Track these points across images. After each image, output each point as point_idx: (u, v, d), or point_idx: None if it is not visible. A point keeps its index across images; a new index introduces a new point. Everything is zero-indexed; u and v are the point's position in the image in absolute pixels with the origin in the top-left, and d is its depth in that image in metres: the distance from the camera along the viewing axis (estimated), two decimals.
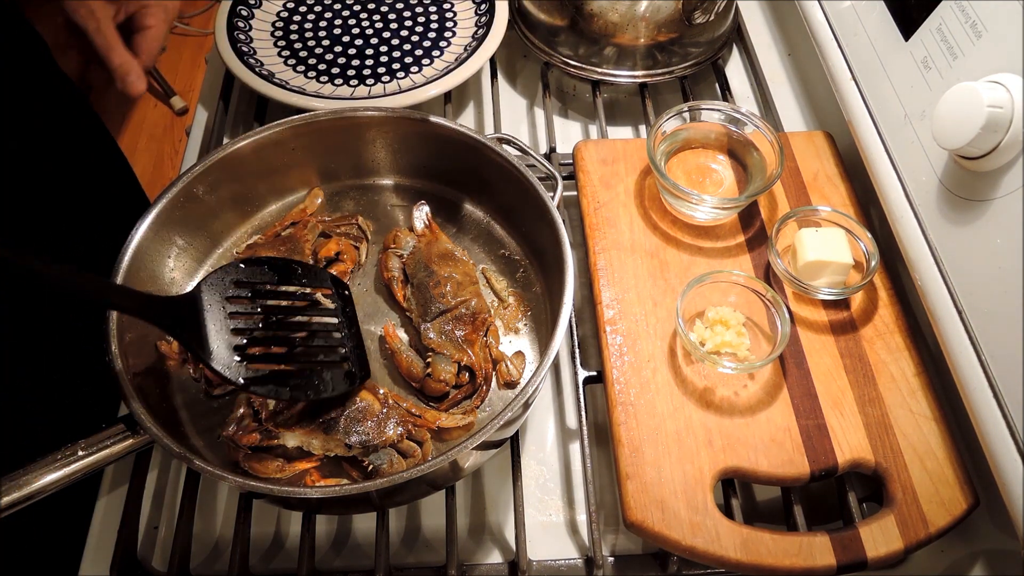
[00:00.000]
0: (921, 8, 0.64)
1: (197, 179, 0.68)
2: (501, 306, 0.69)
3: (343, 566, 0.62)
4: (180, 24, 2.41)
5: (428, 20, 0.94)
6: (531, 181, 0.66)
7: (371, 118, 0.73)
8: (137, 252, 0.63)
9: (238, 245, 0.73)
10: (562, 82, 0.95)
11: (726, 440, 0.61)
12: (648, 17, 0.85)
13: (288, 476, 0.59)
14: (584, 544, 0.63)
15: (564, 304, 0.59)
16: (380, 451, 0.59)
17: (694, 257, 0.71)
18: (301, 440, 0.60)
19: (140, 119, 2.21)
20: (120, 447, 0.54)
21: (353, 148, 0.75)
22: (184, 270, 0.70)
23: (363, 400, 0.61)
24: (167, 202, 0.66)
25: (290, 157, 0.73)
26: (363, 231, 0.74)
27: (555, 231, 0.63)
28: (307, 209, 0.75)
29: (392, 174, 0.77)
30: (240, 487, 0.60)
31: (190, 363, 0.65)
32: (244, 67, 0.85)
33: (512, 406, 0.55)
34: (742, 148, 0.76)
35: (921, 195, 0.61)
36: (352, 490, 0.52)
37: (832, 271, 0.67)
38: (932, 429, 0.62)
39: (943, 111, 0.55)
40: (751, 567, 0.56)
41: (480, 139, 0.70)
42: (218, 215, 0.72)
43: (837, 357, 0.65)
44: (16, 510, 0.50)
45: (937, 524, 0.57)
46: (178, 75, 2.31)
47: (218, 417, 0.63)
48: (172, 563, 0.59)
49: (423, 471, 0.52)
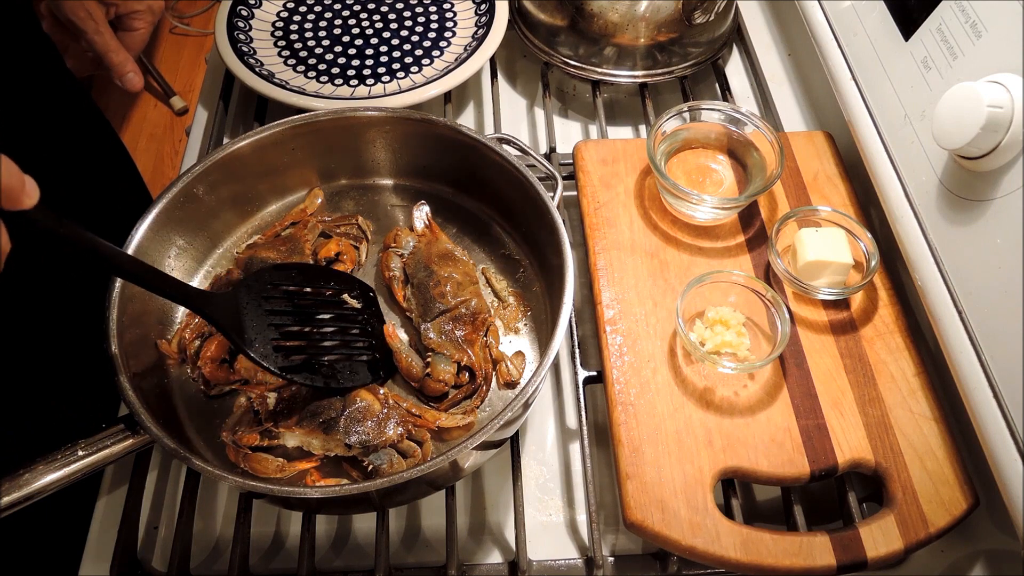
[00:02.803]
0: (921, 8, 0.64)
1: (197, 179, 0.68)
2: (501, 306, 0.69)
3: (343, 566, 0.62)
4: (180, 24, 2.41)
5: (428, 20, 0.94)
6: (531, 181, 0.66)
7: (371, 118, 0.73)
8: (137, 252, 0.63)
9: (238, 245, 0.73)
10: (562, 82, 0.95)
11: (726, 440, 0.61)
12: (648, 17, 0.85)
13: (288, 476, 0.59)
14: (584, 544, 0.63)
15: (564, 304, 0.59)
16: (380, 451, 0.59)
17: (694, 257, 0.71)
18: (301, 440, 0.60)
19: (140, 119, 2.21)
20: (120, 447, 0.54)
21: (353, 148, 0.75)
22: (184, 270, 0.70)
23: (363, 400, 0.61)
24: (167, 202, 0.66)
25: (290, 157, 0.73)
26: (363, 231, 0.74)
27: (555, 231, 0.63)
28: (307, 209, 0.75)
29: (392, 174, 0.77)
30: (240, 487, 0.60)
31: (189, 363, 0.65)
32: (244, 67, 0.85)
33: (512, 406, 0.55)
34: (742, 148, 0.76)
35: (921, 195, 0.61)
36: (352, 490, 0.52)
37: (832, 271, 0.67)
38: (932, 429, 0.62)
39: (943, 111, 0.55)
40: (751, 567, 0.56)
41: (480, 139, 0.70)
42: (218, 215, 0.72)
43: (837, 357, 0.65)
44: (16, 510, 0.50)
45: (937, 524, 0.57)
46: (178, 75, 2.31)
47: (218, 417, 0.63)
48: (172, 563, 0.59)
49: (423, 471, 0.52)
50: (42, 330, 0.80)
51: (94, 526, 0.65)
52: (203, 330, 0.66)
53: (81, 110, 0.94)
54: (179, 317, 0.68)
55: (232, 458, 0.60)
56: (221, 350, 0.64)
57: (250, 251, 0.70)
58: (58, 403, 0.80)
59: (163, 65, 2.31)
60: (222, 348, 0.64)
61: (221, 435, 0.61)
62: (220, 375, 0.64)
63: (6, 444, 0.72)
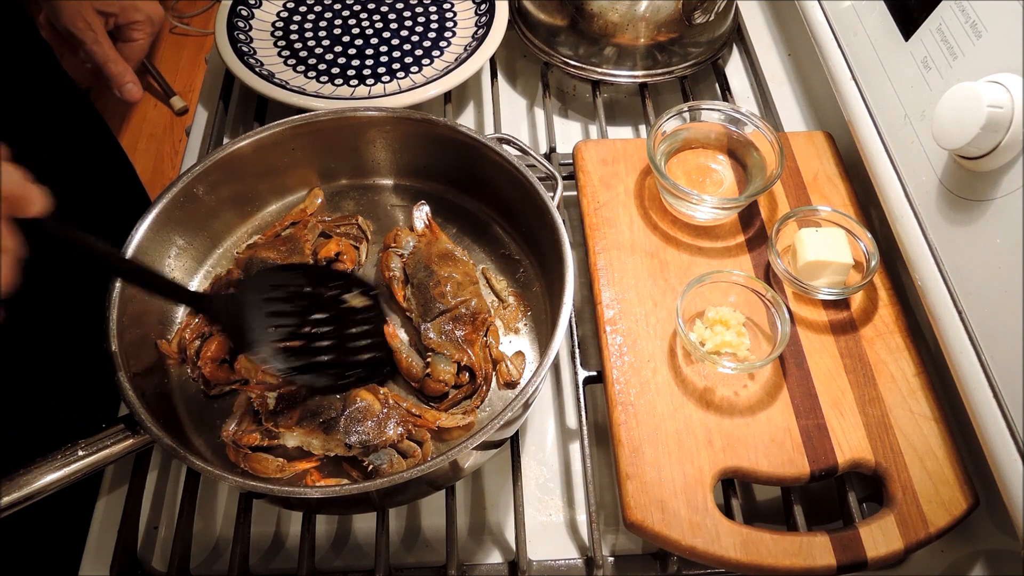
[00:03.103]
0: (921, 8, 0.64)
1: (197, 179, 0.68)
2: (501, 306, 0.69)
3: (343, 566, 0.62)
4: (180, 24, 2.41)
5: (428, 20, 0.94)
6: (531, 181, 0.66)
7: (371, 118, 0.73)
8: (137, 252, 0.64)
9: (238, 245, 0.73)
10: (562, 82, 0.95)
11: (726, 440, 0.61)
12: (648, 17, 0.85)
13: (288, 476, 0.59)
14: (584, 544, 0.63)
15: (564, 304, 0.59)
16: (380, 451, 0.59)
17: (694, 257, 0.71)
18: (301, 440, 0.60)
19: (140, 119, 2.21)
20: (120, 447, 0.54)
21: (353, 148, 0.75)
22: (184, 270, 0.70)
23: (363, 400, 0.61)
24: (167, 202, 0.66)
25: (290, 157, 0.73)
26: (363, 231, 0.74)
27: (555, 231, 0.63)
28: (307, 209, 0.75)
29: (392, 174, 0.77)
30: (240, 487, 0.60)
31: (189, 363, 0.65)
32: (244, 67, 0.85)
33: (512, 406, 0.55)
34: (742, 148, 0.76)
35: (921, 195, 0.61)
36: (352, 490, 0.52)
37: (832, 271, 0.67)
38: (932, 429, 0.62)
39: (943, 111, 0.55)
40: (751, 567, 0.56)
41: (480, 139, 0.70)
42: (218, 215, 0.72)
43: (837, 357, 0.65)
44: (16, 510, 0.50)
45: (937, 524, 0.57)
46: (178, 75, 2.31)
47: (218, 417, 0.63)
48: (172, 563, 0.59)
49: (423, 471, 0.52)
50: (42, 330, 0.80)
51: (94, 526, 0.65)
52: (203, 330, 0.66)
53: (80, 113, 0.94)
54: (179, 317, 0.68)
55: (232, 458, 0.60)
56: (221, 350, 0.64)
57: (250, 251, 0.70)
58: (58, 403, 0.80)
59: (163, 65, 2.31)
60: (222, 348, 0.64)
61: (221, 435, 0.61)
62: (220, 375, 0.64)
63: (6, 444, 0.72)
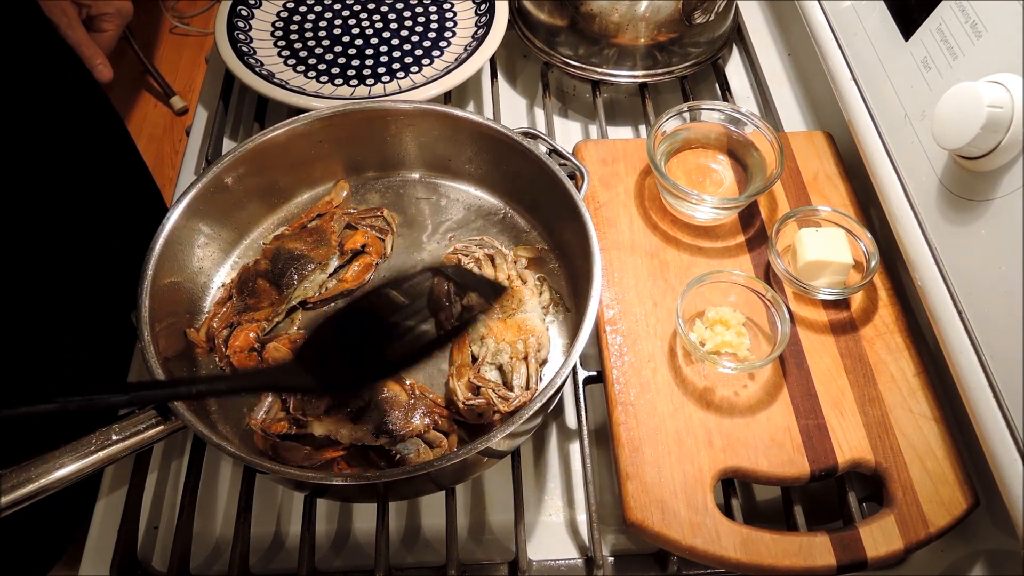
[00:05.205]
0: (921, 8, 0.64)
1: (228, 168, 0.68)
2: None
3: (343, 566, 0.62)
4: (180, 24, 2.41)
5: (428, 20, 0.94)
6: (560, 177, 0.66)
7: (399, 111, 0.73)
8: (168, 240, 0.64)
9: (265, 236, 0.74)
10: (562, 82, 0.95)
11: (726, 440, 0.61)
12: (648, 17, 0.85)
13: (316, 464, 0.59)
14: (584, 544, 0.63)
15: (592, 297, 0.59)
16: (407, 441, 0.59)
17: (694, 257, 0.71)
18: (329, 429, 0.60)
19: (140, 119, 2.21)
20: (152, 432, 0.54)
21: (379, 141, 0.75)
22: (212, 259, 0.70)
23: (390, 391, 0.61)
24: (198, 191, 0.66)
25: (317, 149, 0.74)
26: (388, 223, 0.74)
27: (583, 226, 0.63)
28: (333, 201, 0.75)
29: (417, 167, 0.78)
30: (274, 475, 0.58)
31: (217, 352, 0.65)
32: (244, 67, 0.85)
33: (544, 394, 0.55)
34: (742, 148, 0.76)
35: (921, 195, 0.61)
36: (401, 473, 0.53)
37: (832, 271, 0.67)
38: (932, 429, 0.62)
39: (943, 111, 0.55)
40: (751, 567, 0.56)
41: (508, 133, 0.70)
42: (245, 206, 0.72)
43: (837, 357, 0.65)
44: (48, 494, 0.50)
45: (937, 524, 0.57)
46: (178, 75, 2.31)
47: (244, 406, 0.62)
48: (172, 563, 0.59)
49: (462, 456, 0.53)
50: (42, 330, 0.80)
51: (94, 526, 0.64)
52: (231, 319, 0.66)
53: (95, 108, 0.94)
54: (207, 306, 0.69)
55: (260, 446, 0.60)
56: (249, 339, 0.65)
57: (277, 242, 0.71)
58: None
59: (163, 65, 2.31)
60: (250, 337, 0.65)
61: (249, 422, 0.60)
62: (248, 364, 0.64)
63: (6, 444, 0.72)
